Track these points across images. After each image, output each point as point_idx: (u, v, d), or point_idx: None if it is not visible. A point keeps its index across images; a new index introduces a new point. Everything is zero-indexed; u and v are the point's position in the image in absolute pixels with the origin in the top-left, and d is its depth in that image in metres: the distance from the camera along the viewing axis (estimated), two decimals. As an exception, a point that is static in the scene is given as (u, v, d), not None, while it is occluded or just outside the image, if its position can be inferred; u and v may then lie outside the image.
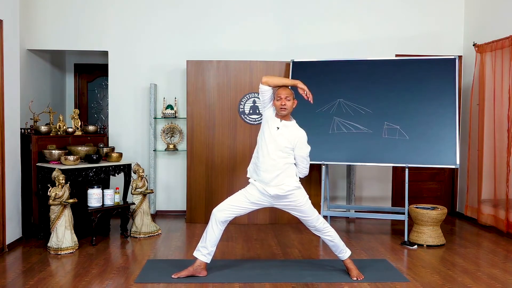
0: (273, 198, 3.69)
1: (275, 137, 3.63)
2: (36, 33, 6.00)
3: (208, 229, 3.74)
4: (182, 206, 6.16)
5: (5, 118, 4.47)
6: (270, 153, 3.61)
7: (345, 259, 3.86)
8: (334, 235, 3.82)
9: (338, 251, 3.85)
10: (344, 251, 3.85)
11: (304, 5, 6.20)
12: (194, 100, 5.79)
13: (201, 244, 3.76)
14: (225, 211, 3.72)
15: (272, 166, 3.61)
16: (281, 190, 3.65)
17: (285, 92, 3.66)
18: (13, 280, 3.70)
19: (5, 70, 4.48)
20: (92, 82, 7.50)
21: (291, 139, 3.64)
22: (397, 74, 5.24)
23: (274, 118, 3.70)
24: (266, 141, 3.64)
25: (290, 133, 3.65)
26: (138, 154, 6.14)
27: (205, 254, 3.75)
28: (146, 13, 6.13)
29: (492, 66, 5.48)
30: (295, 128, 3.71)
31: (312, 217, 3.76)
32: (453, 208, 6.46)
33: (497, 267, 4.13)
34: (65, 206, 4.47)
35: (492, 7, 5.75)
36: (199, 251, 3.77)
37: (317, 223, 3.77)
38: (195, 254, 3.78)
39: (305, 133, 3.72)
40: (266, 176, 3.63)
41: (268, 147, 3.62)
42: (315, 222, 3.77)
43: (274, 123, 3.67)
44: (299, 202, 3.73)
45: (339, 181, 6.27)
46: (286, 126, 3.67)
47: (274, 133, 3.63)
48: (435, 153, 4.89)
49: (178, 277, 3.72)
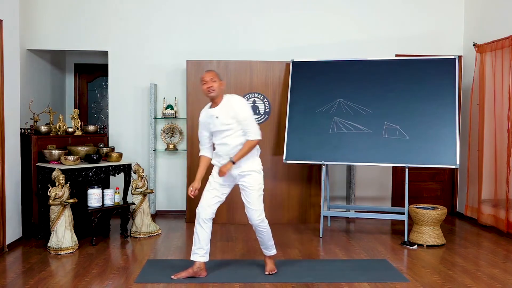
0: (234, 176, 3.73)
1: (219, 126, 3.65)
2: (36, 33, 6.00)
3: (198, 230, 3.73)
4: (182, 206, 6.16)
5: (5, 118, 4.48)
6: (224, 141, 3.65)
7: (267, 255, 3.90)
8: (266, 232, 3.77)
9: (264, 246, 3.87)
10: (270, 250, 3.88)
11: (304, 5, 6.20)
12: (194, 100, 5.79)
13: (196, 246, 3.76)
14: (208, 208, 3.74)
15: (229, 151, 3.65)
16: (239, 169, 3.67)
17: (209, 74, 3.66)
18: (13, 280, 3.70)
19: (5, 70, 4.48)
20: (92, 82, 7.50)
21: (229, 114, 3.64)
22: (397, 74, 5.24)
23: (209, 111, 3.71)
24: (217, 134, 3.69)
25: (226, 111, 3.65)
26: (138, 154, 6.14)
27: (203, 254, 3.76)
28: (146, 13, 6.13)
29: (492, 66, 5.48)
30: (227, 102, 3.69)
31: (253, 207, 3.69)
32: (453, 208, 6.46)
33: (497, 267, 4.13)
34: (65, 206, 4.47)
35: (492, 7, 5.75)
36: (196, 254, 3.76)
37: (255, 216, 3.69)
38: (193, 258, 3.77)
39: (239, 97, 3.75)
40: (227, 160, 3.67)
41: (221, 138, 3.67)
42: (254, 215, 3.69)
43: (213, 115, 3.67)
44: (251, 185, 3.69)
45: (339, 181, 6.27)
46: (221, 109, 3.66)
47: (217, 123, 3.65)
48: (435, 153, 4.89)
49: (177, 278, 3.72)
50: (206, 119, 3.74)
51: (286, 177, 5.82)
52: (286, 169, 5.80)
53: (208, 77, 3.64)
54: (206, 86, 3.64)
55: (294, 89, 5.48)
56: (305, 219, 5.85)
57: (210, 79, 3.64)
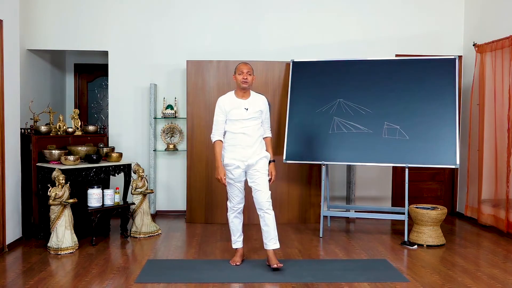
0: (249, 166, 3.95)
1: (244, 116, 3.93)
2: (36, 33, 6.00)
3: (235, 221, 4.11)
4: (182, 206, 6.16)
5: (5, 118, 4.48)
6: (245, 131, 3.91)
7: (270, 248, 3.98)
8: (272, 220, 3.95)
9: (268, 238, 3.96)
10: (274, 241, 3.97)
11: (304, 5, 6.20)
12: (194, 100, 5.79)
13: (236, 236, 4.14)
14: (241, 202, 4.07)
15: (250, 141, 3.93)
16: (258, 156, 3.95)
17: (246, 67, 3.95)
18: (13, 280, 3.70)
19: (5, 70, 4.48)
20: (92, 82, 7.50)
21: (259, 108, 4.00)
22: (397, 74, 5.24)
23: (236, 100, 3.97)
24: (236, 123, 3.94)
25: (254, 106, 3.97)
26: (138, 154, 6.14)
27: (242, 240, 4.19)
28: (146, 13, 6.13)
29: (492, 66, 5.48)
30: (257, 98, 4.04)
31: (264, 189, 3.92)
32: (453, 208, 6.46)
33: (497, 267, 4.13)
34: (65, 206, 4.47)
35: (492, 7, 5.75)
36: (238, 242, 4.16)
37: (265, 199, 3.91)
38: (238, 246, 4.16)
39: (264, 96, 4.13)
40: (248, 150, 3.92)
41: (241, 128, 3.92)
42: (264, 197, 3.91)
43: (241, 106, 3.94)
44: (262, 168, 3.96)
45: (339, 181, 6.27)
46: (249, 102, 3.97)
47: (244, 113, 3.92)
48: (435, 153, 4.89)
49: (236, 264, 4.08)
50: (229, 106, 3.94)
51: (286, 177, 5.82)
52: (286, 169, 5.80)
53: (245, 69, 3.92)
54: (242, 77, 3.90)
55: (294, 89, 5.48)
56: (305, 219, 5.85)
57: (246, 71, 3.92)
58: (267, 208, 3.91)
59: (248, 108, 3.92)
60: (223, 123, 3.97)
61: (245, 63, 4.03)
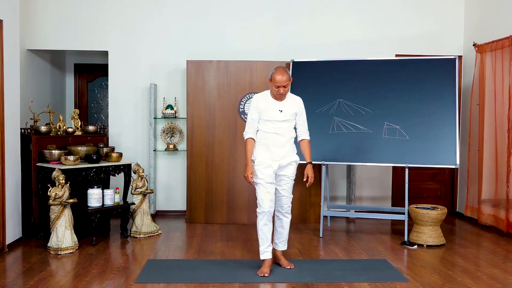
0: (280, 168, 3.89)
1: (279, 117, 3.86)
2: (36, 33, 6.00)
3: (265, 229, 3.87)
4: (182, 206, 6.16)
5: (5, 118, 4.48)
6: (278, 132, 3.86)
7: (279, 249, 4.05)
8: (288, 224, 4.02)
9: (280, 240, 4.03)
10: (285, 243, 4.07)
11: (304, 5, 6.20)
12: (194, 100, 5.79)
13: (265, 246, 3.89)
14: (272, 207, 3.88)
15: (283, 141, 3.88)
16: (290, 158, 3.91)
17: (284, 79, 3.77)
18: (13, 280, 3.70)
19: (5, 70, 4.48)
20: (92, 82, 7.50)
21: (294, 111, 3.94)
22: (397, 74, 5.24)
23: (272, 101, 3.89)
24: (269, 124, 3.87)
25: (289, 107, 3.91)
26: (138, 154, 6.14)
27: (271, 250, 3.93)
28: (146, 13, 6.13)
29: (492, 66, 5.48)
30: (293, 100, 3.97)
31: (289, 195, 3.97)
32: (453, 208, 6.46)
33: (497, 267, 4.13)
34: (65, 206, 4.47)
35: (492, 7, 5.75)
36: (267, 252, 3.90)
37: (288, 204, 3.96)
38: (266, 257, 3.89)
39: (300, 98, 4.04)
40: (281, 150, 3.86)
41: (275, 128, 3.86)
42: (288, 202, 3.96)
43: (275, 107, 3.87)
44: (292, 174, 3.96)
45: (339, 181, 6.27)
46: (284, 104, 3.90)
47: (278, 115, 3.86)
48: (435, 153, 4.89)
49: (264, 275, 3.81)
50: (265, 106, 3.88)
51: (286, 177, 5.81)
52: (286, 169, 5.79)
53: (283, 82, 3.77)
54: (278, 92, 3.81)
55: (294, 89, 5.47)
56: (305, 219, 5.85)
57: (283, 85, 3.78)
58: (286, 211, 3.97)
59: (282, 110, 3.86)
60: (256, 121, 3.90)
61: (282, 71, 3.78)
